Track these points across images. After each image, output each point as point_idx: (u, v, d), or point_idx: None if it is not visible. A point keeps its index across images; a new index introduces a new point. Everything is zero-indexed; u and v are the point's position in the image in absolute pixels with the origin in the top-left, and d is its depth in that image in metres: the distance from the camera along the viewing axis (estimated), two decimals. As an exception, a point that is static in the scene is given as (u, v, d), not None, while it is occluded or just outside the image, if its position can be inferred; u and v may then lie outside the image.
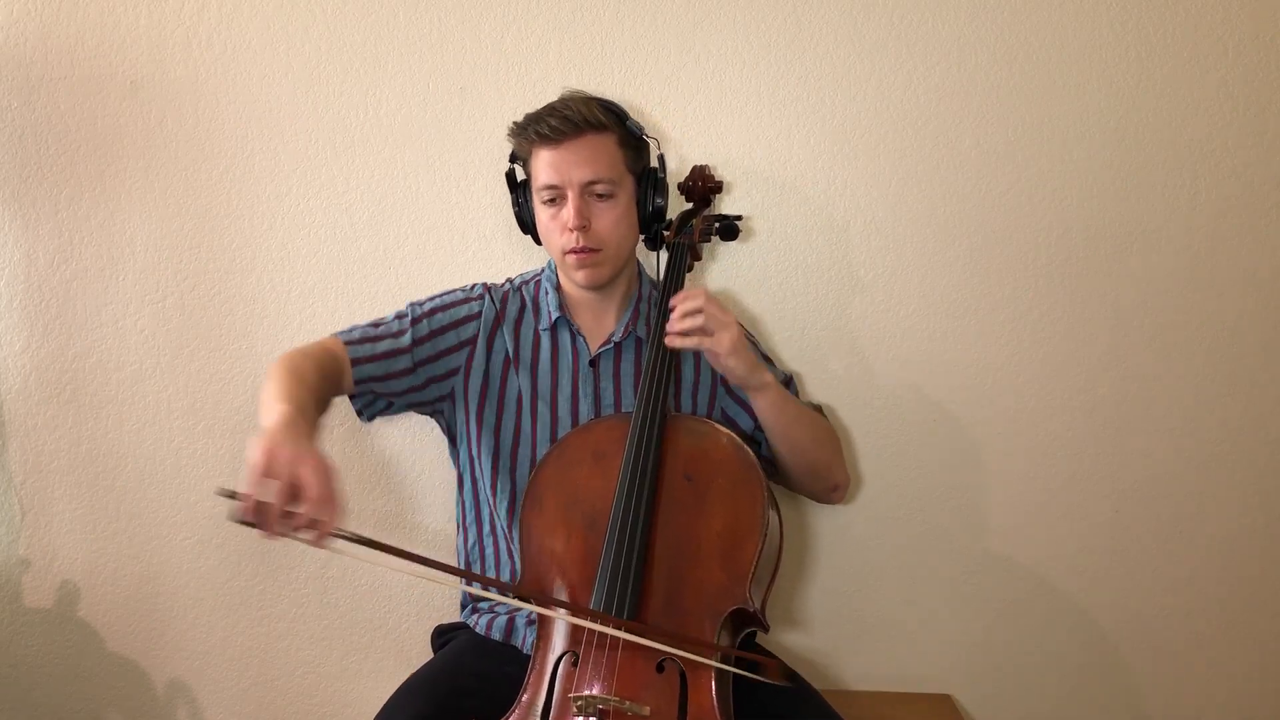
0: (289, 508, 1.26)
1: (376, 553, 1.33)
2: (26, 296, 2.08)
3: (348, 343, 1.70)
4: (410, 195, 2.06)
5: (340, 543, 1.30)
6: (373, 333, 1.73)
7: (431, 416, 1.86)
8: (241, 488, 1.25)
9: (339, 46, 2.03)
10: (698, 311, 1.57)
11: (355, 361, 1.69)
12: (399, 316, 1.77)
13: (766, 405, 1.68)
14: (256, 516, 1.25)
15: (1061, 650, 2.15)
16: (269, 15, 2.02)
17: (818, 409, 1.88)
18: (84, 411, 2.12)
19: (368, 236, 2.07)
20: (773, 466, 1.80)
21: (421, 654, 2.05)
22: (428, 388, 1.77)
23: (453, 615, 1.96)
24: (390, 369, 1.72)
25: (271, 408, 1.40)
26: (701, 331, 1.57)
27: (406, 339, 1.73)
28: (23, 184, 2.05)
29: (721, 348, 1.58)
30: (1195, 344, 2.06)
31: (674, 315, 1.59)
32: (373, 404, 1.77)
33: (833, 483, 1.83)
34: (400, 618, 2.18)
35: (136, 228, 2.07)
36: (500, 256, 2.06)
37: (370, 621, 2.18)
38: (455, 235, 2.06)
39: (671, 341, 1.59)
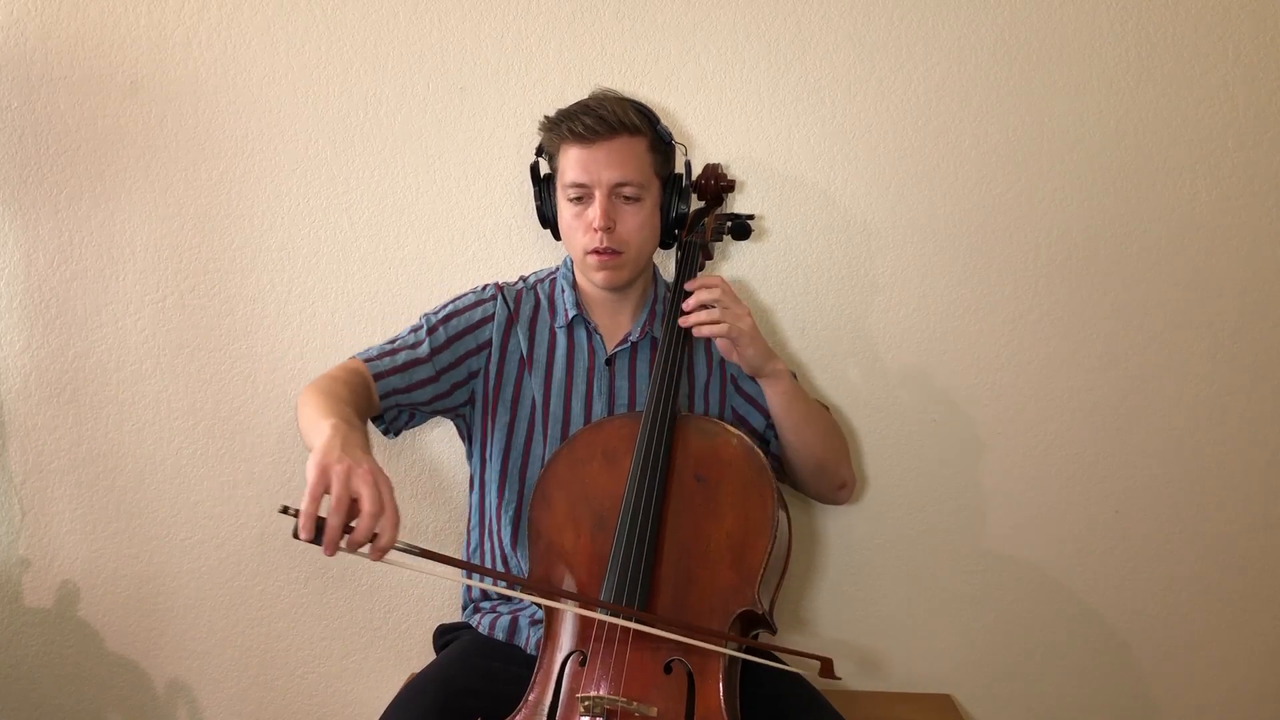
0: (349, 523, 1.26)
1: (435, 564, 1.33)
2: (26, 296, 2.08)
3: (366, 360, 1.69)
4: (410, 195, 2.06)
5: (398, 556, 1.29)
6: (389, 347, 1.72)
7: (453, 420, 1.85)
8: (300, 505, 1.24)
9: (339, 46, 2.02)
10: (714, 298, 1.60)
11: (378, 376, 1.67)
12: (414, 329, 1.76)
13: (778, 394, 1.69)
14: (315, 534, 1.24)
15: (1062, 650, 2.16)
16: (269, 15, 2.02)
17: (824, 409, 1.88)
18: (84, 411, 2.11)
19: (368, 236, 2.07)
20: (780, 465, 1.81)
21: (422, 654, 2.06)
22: (453, 394, 1.77)
23: (453, 615, 1.96)
24: (412, 379, 1.71)
25: (318, 426, 1.38)
26: (719, 309, 1.60)
27: (425, 348, 1.72)
28: (23, 184, 2.05)
29: (735, 332, 1.60)
30: (1195, 344, 2.07)
31: (690, 301, 1.61)
32: (397, 419, 1.75)
33: (840, 480, 1.83)
34: (400, 618, 2.18)
35: (136, 228, 2.07)
36: (501, 256, 2.06)
37: (370, 621, 2.18)
38: (455, 235, 2.06)
39: (686, 320, 1.60)
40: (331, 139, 2.05)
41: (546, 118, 1.72)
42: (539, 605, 1.57)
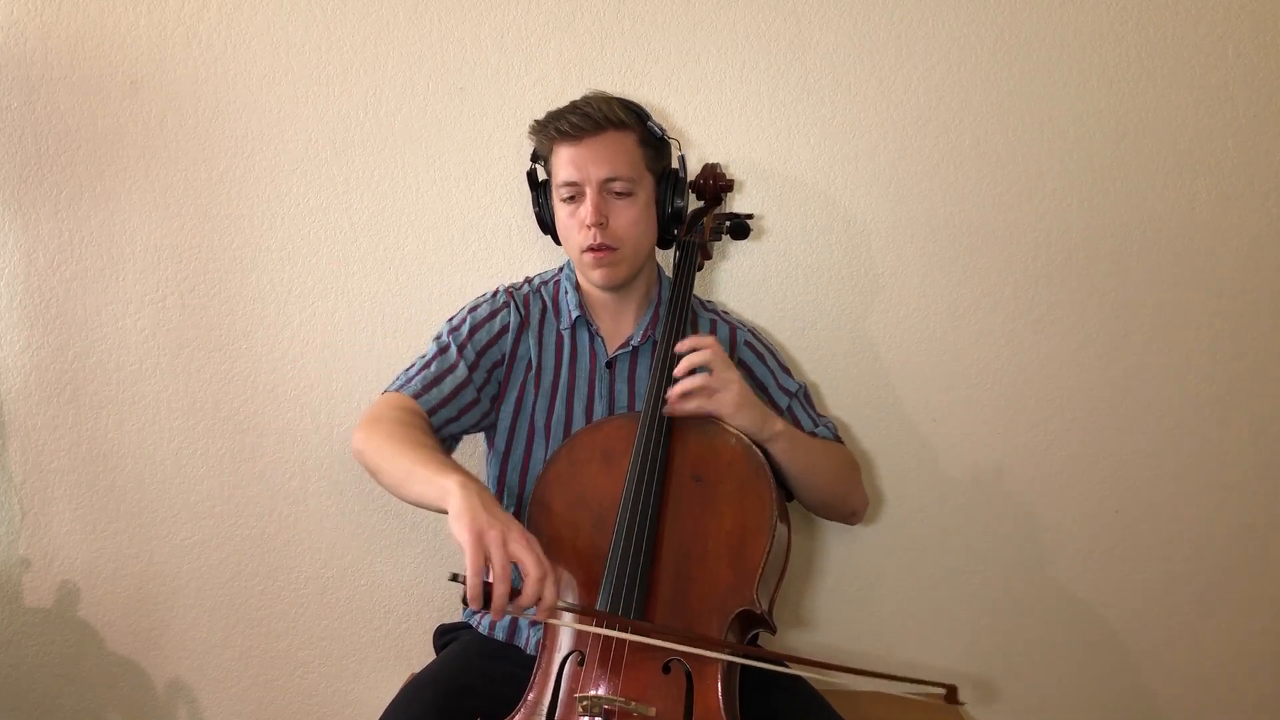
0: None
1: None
2: (26, 296, 2.08)
3: (415, 395, 1.67)
4: (410, 195, 2.06)
5: (560, 613, 1.38)
6: (430, 376, 1.70)
7: (485, 430, 1.85)
8: (466, 574, 1.30)
9: (339, 46, 2.02)
10: (705, 360, 1.57)
11: (432, 411, 1.67)
12: (442, 350, 1.73)
13: (780, 453, 1.64)
14: (486, 603, 1.30)
15: (1062, 650, 2.16)
16: (269, 15, 2.02)
17: (835, 436, 1.85)
18: (84, 411, 2.12)
19: (368, 236, 2.07)
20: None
21: (421, 654, 2.06)
22: (493, 410, 1.77)
23: (453, 615, 1.96)
24: (461, 405, 1.71)
25: (438, 485, 1.41)
26: (704, 393, 1.56)
27: (463, 371, 1.71)
28: (23, 184, 2.05)
29: (725, 409, 1.57)
30: (1195, 343, 2.07)
31: (678, 369, 1.57)
32: (448, 448, 1.75)
33: (850, 509, 1.84)
34: (400, 618, 2.18)
35: (136, 228, 2.07)
36: (501, 256, 2.06)
37: (370, 621, 2.18)
38: (455, 235, 2.06)
39: (671, 410, 1.57)
40: (331, 139, 2.05)
41: (536, 121, 1.72)
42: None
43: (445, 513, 1.38)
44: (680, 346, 1.60)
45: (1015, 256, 2.06)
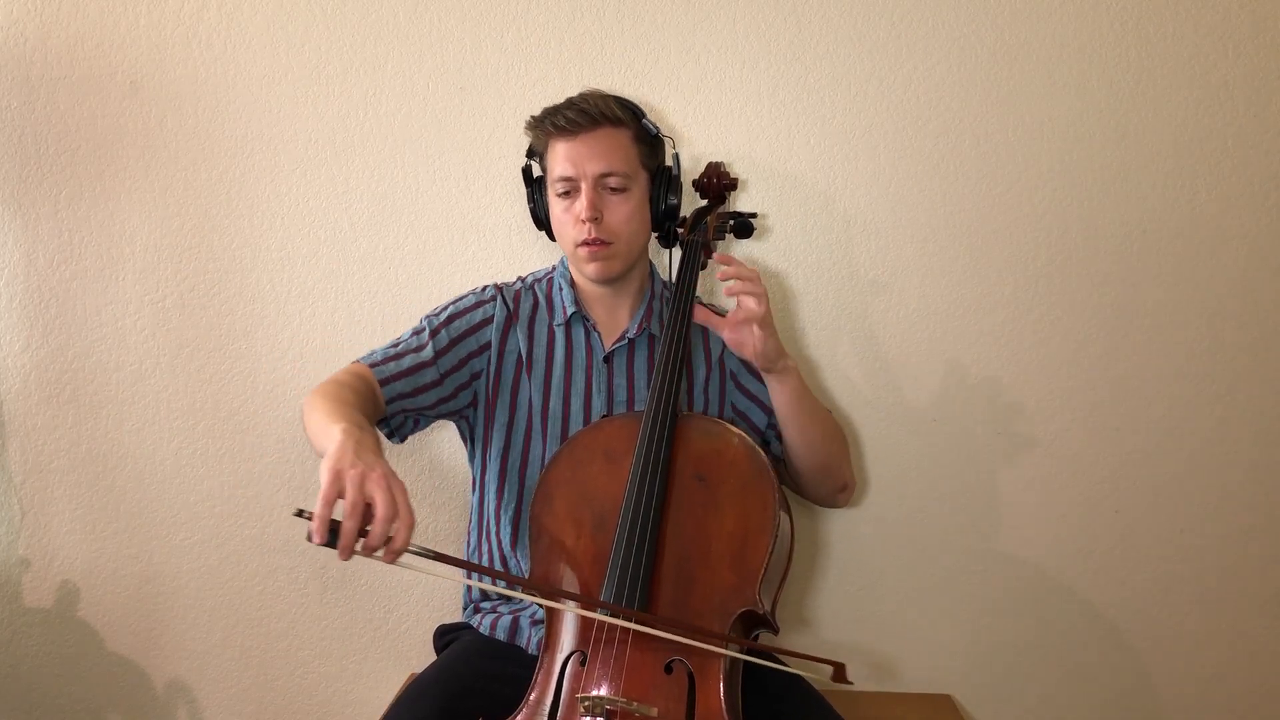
0: (364, 526, 1.25)
1: (450, 567, 1.33)
2: (26, 296, 2.08)
3: (371, 365, 1.69)
4: (410, 195, 2.06)
5: (412, 558, 1.28)
6: (393, 351, 1.72)
7: (456, 423, 1.85)
8: (314, 509, 1.23)
9: (339, 46, 2.03)
10: (748, 275, 1.60)
11: (383, 381, 1.67)
12: (416, 332, 1.75)
13: (786, 390, 1.69)
14: (330, 538, 1.23)
15: (1062, 650, 2.15)
16: (269, 15, 2.02)
17: (826, 410, 1.88)
18: (84, 411, 2.12)
19: (368, 236, 2.07)
20: (782, 467, 1.80)
21: (421, 654, 2.06)
22: (457, 396, 1.76)
23: (454, 615, 1.96)
24: (418, 383, 1.71)
25: (329, 431, 1.37)
26: (749, 294, 1.60)
27: (428, 351, 1.72)
28: (23, 184, 2.05)
29: (758, 316, 1.59)
30: (1195, 344, 2.07)
31: (728, 270, 1.61)
32: (403, 425, 1.75)
33: (841, 482, 1.84)
34: (400, 618, 2.17)
35: (136, 228, 2.07)
36: (501, 256, 2.06)
37: (370, 622, 2.18)
38: (455, 234, 2.07)
39: (730, 289, 1.61)
40: (331, 139, 2.05)
41: (532, 116, 1.73)
42: (540, 605, 1.57)
43: None
44: (725, 264, 1.62)
45: (1015, 256, 2.06)
